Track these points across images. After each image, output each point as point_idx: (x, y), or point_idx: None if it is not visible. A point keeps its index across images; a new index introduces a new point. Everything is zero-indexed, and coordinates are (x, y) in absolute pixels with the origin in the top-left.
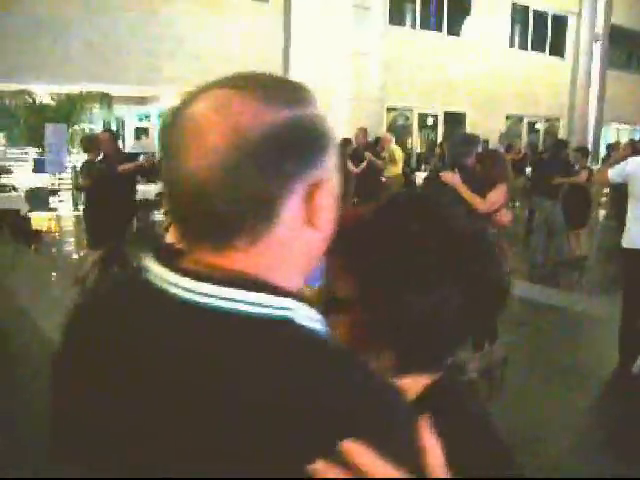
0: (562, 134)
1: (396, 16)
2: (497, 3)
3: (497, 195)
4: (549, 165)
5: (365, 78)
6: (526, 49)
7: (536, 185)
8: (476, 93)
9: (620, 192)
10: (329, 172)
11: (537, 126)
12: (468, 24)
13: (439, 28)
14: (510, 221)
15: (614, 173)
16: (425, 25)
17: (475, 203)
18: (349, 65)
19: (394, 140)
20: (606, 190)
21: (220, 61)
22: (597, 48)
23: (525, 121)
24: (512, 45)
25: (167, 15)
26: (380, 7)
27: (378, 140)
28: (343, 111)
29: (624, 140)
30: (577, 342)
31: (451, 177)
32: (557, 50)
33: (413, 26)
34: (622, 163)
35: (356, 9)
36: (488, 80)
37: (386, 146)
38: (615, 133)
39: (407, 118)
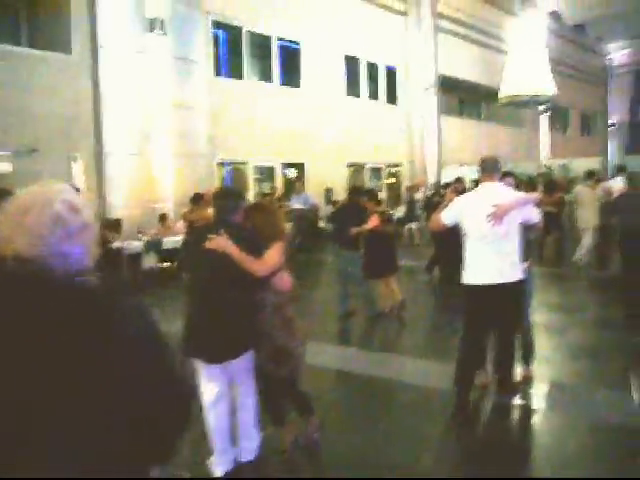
0: (406, 178)
1: (223, 67)
2: (329, 55)
3: (273, 256)
4: (345, 214)
5: (191, 132)
6: (360, 97)
7: (336, 236)
8: (315, 142)
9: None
10: None
11: (381, 172)
12: (301, 74)
13: (268, 79)
14: (290, 285)
15: (446, 216)
16: (255, 76)
17: (249, 266)
18: (172, 119)
19: None
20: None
21: (28, 119)
22: (429, 96)
23: (368, 167)
24: (349, 94)
25: None
26: (204, 58)
27: (198, 196)
28: (168, 168)
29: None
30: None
31: (218, 242)
32: (391, 98)
33: (240, 77)
34: (450, 205)
35: (177, 61)
36: (327, 129)
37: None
38: (457, 173)
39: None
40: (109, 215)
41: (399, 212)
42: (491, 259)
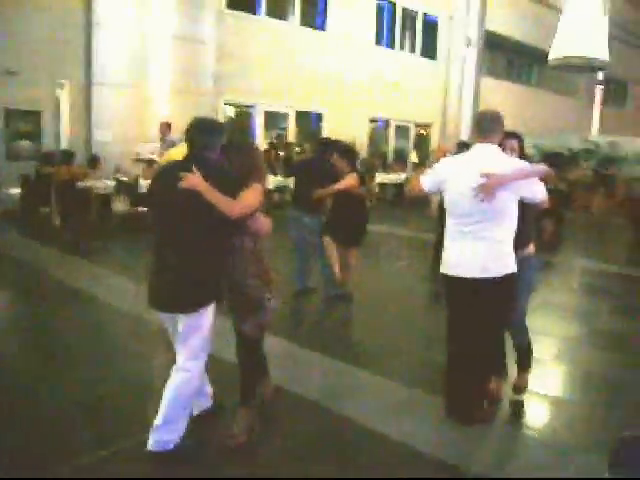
0: (434, 140)
1: (236, 0)
2: None
3: (250, 197)
4: (309, 171)
5: (195, 68)
6: (394, 48)
7: (294, 196)
8: (336, 92)
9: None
10: None
11: (409, 131)
12: (326, 15)
13: (288, 17)
14: (268, 228)
15: (428, 180)
16: (271, 13)
17: (223, 207)
18: (174, 53)
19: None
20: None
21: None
22: (471, 53)
23: (393, 125)
24: (379, 43)
25: None
26: None
27: None
28: (166, 105)
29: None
30: None
31: (191, 179)
32: (427, 51)
33: (255, 12)
34: (435, 165)
35: None
36: (351, 78)
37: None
38: None
39: (249, 116)
40: (94, 151)
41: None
42: (473, 246)
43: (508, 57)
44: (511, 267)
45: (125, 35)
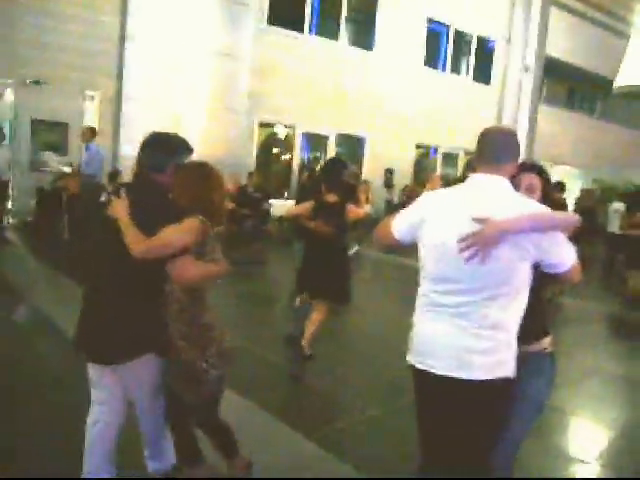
0: None
1: (277, 16)
2: (409, 15)
3: (170, 234)
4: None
5: (230, 86)
6: (444, 70)
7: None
8: (380, 116)
9: None
10: None
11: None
12: (373, 35)
13: (334, 36)
14: (205, 276)
15: (400, 224)
16: (317, 31)
17: (128, 242)
18: (208, 69)
19: None
20: None
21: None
22: (528, 78)
23: (440, 152)
24: (428, 65)
25: None
26: (257, 2)
27: None
28: (198, 122)
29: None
30: None
31: (114, 207)
32: (480, 75)
33: (299, 29)
34: (413, 204)
35: (227, 3)
36: (397, 101)
37: None
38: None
39: (286, 137)
40: (121, 166)
41: None
42: (453, 329)
43: (569, 85)
44: (508, 369)
45: (158, 49)
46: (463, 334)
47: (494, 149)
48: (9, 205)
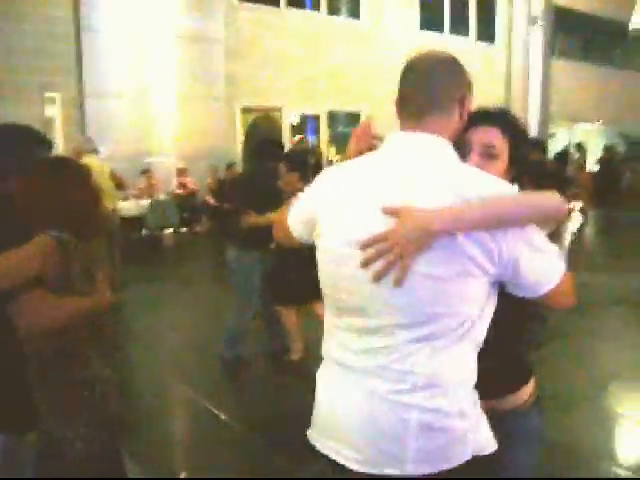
0: None
1: None
2: None
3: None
4: (244, 191)
5: (205, 71)
6: (443, 32)
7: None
8: (375, 88)
9: None
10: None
11: None
12: (357, 1)
13: (315, 6)
14: (58, 321)
15: (294, 217)
16: (294, 3)
17: None
18: (178, 55)
19: None
20: None
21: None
22: (536, 33)
23: None
24: (424, 27)
25: None
26: None
27: None
28: (172, 114)
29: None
30: None
31: None
32: (484, 34)
33: (275, 3)
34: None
35: None
36: (392, 72)
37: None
38: (567, 131)
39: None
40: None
41: None
42: (359, 394)
43: (583, 35)
44: (461, 451)
45: (119, 39)
46: (380, 404)
47: (422, 89)
48: None
